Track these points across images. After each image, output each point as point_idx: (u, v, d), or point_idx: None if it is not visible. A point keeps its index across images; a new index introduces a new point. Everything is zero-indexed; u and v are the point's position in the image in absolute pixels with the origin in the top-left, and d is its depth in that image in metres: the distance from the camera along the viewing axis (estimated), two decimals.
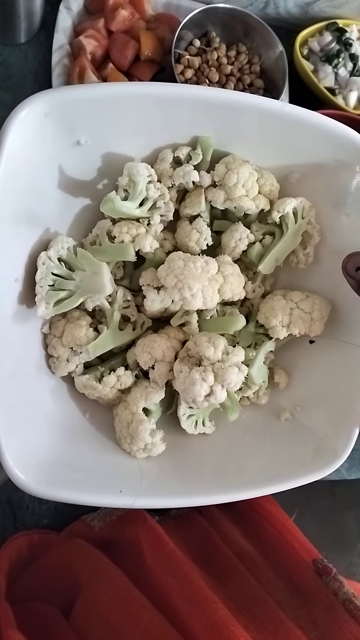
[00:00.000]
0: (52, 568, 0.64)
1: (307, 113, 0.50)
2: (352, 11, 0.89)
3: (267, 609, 0.55)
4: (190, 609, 0.51)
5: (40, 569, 0.65)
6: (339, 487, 1.48)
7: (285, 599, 0.59)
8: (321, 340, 0.53)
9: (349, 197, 0.48)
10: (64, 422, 0.49)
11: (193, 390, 0.46)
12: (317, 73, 0.86)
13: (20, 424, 0.45)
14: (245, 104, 0.49)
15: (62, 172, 0.46)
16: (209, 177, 0.50)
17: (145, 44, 0.76)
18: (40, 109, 0.40)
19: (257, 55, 0.81)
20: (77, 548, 0.62)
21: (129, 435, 0.48)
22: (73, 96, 0.41)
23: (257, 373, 0.50)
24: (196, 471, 0.51)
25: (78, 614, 0.57)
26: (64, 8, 0.74)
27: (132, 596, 0.53)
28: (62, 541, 0.68)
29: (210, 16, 0.78)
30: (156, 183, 0.48)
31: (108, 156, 0.47)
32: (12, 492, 0.72)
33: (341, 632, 0.55)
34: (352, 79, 0.87)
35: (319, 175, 0.50)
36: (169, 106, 0.47)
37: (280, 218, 0.50)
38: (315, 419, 0.53)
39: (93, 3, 0.77)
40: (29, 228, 0.45)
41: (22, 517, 0.71)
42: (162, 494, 0.48)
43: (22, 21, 0.72)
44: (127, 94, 0.46)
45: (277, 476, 0.49)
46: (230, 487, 0.52)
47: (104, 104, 0.45)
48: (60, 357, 0.48)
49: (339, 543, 1.40)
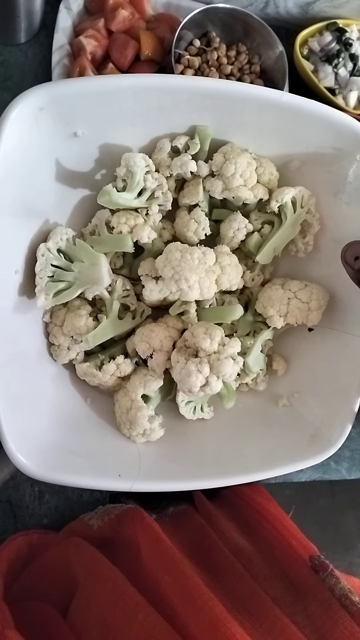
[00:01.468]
0: (50, 567, 0.65)
1: (306, 102, 0.50)
2: (352, 11, 0.89)
3: (262, 606, 0.57)
4: (186, 606, 0.53)
5: (38, 568, 0.67)
6: (339, 487, 1.51)
7: (281, 595, 0.60)
8: (320, 329, 0.54)
9: (349, 186, 0.48)
10: (65, 408, 0.51)
11: (189, 381, 0.47)
12: (317, 73, 0.87)
13: (23, 409, 0.46)
14: (243, 94, 0.49)
15: (60, 164, 0.47)
16: (207, 167, 0.50)
17: (145, 44, 0.76)
18: (35, 103, 0.40)
19: (257, 55, 0.82)
20: (74, 547, 0.64)
21: (128, 421, 0.49)
22: (68, 90, 0.42)
23: (254, 362, 0.51)
24: (195, 456, 0.53)
25: (75, 612, 0.59)
26: (64, 8, 0.74)
27: (128, 594, 0.54)
28: (61, 540, 0.69)
29: (210, 16, 0.78)
30: (154, 173, 0.48)
31: (105, 147, 0.48)
32: (12, 492, 0.73)
33: (336, 627, 0.56)
34: (352, 79, 0.88)
35: (318, 164, 0.50)
36: (166, 97, 0.48)
37: (279, 207, 0.50)
38: (312, 407, 0.54)
39: (93, 3, 0.77)
40: (28, 220, 0.46)
41: (22, 517, 0.72)
42: (160, 477, 0.50)
43: (22, 21, 0.73)
44: (122, 86, 0.46)
45: (273, 461, 0.51)
46: (227, 472, 0.53)
47: (99, 96, 0.46)
48: (61, 346, 0.49)
49: (339, 543, 1.42)
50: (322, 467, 0.86)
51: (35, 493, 0.73)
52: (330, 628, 0.56)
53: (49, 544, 0.68)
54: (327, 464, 0.86)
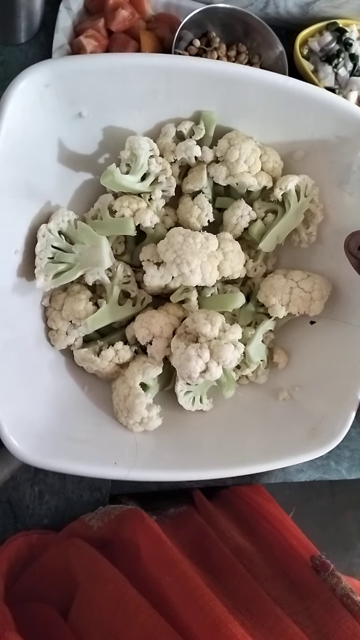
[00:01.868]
0: (51, 568, 0.66)
1: (310, 88, 0.49)
2: (352, 11, 0.90)
3: (264, 606, 0.57)
4: (187, 607, 0.53)
5: (38, 569, 0.67)
6: (339, 487, 1.51)
7: (282, 595, 0.61)
8: (322, 321, 0.53)
9: (353, 176, 0.48)
10: (62, 395, 0.50)
11: (188, 366, 0.47)
12: (317, 73, 0.88)
13: (18, 394, 0.45)
14: (249, 78, 0.48)
15: (63, 145, 0.46)
16: (211, 153, 0.49)
17: (145, 44, 0.77)
18: (41, 79, 0.40)
19: (257, 55, 0.82)
20: (74, 548, 0.64)
21: (126, 409, 0.48)
22: (74, 67, 0.41)
23: (255, 351, 0.50)
24: (193, 446, 0.52)
25: (75, 614, 0.59)
26: (64, 8, 0.75)
27: (129, 595, 0.54)
28: (61, 541, 0.69)
29: (210, 16, 0.79)
30: (158, 157, 0.48)
31: (110, 130, 0.47)
32: (12, 492, 0.73)
33: (338, 627, 0.56)
34: (352, 79, 0.89)
35: (322, 153, 0.50)
36: (173, 79, 0.47)
37: (283, 196, 0.50)
38: (313, 400, 0.53)
39: (93, 3, 0.78)
40: (30, 200, 0.45)
41: (22, 517, 0.72)
42: (157, 467, 0.49)
43: (22, 21, 0.73)
44: (130, 65, 0.46)
45: (272, 454, 0.50)
46: (226, 463, 0.53)
47: (106, 75, 0.45)
48: (59, 330, 0.49)
49: (339, 543, 1.42)
50: (322, 467, 0.87)
51: (35, 493, 0.73)
52: (333, 628, 0.56)
53: (49, 544, 0.69)
54: (327, 464, 0.87)
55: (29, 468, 0.71)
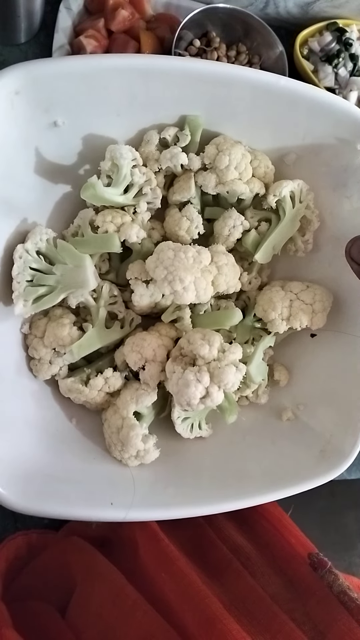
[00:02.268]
0: (49, 566, 0.64)
1: (304, 86, 0.47)
2: (352, 11, 0.91)
3: (260, 603, 0.56)
4: (183, 603, 0.52)
5: (37, 567, 0.66)
6: (339, 487, 1.43)
7: (279, 592, 0.60)
8: (323, 334, 0.50)
9: (350, 179, 0.45)
10: (48, 430, 0.46)
11: (187, 392, 0.44)
12: (317, 73, 0.88)
13: (2, 433, 0.40)
14: (236, 78, 0.46)
15: (38, 157, 0.43)
16: (198, 160, 0.47)
17: (145, 44, 0.77)
18: (11, 85, 0.37)
19: (257, 55, 0.83)
20: (73, 546, 0.63)
21: (120, 442, 0.44)
22: (46, 71, 0.38)
23: (256, 371, 0.47)
24: (193, 479, 0.49)
25: (73, 611, 0.58)
26: (64, 8, 0.75)
27: (125, 592, 0.54)
28: (60, 540, 0.68)
29: (210, 16, 0.79)
30: (142, 167, 0.45)
31: (89, 139, 0.44)
32: None
33: (334, 624, 0.56)
34: (352, 79, 0.89)
35: (317, 156, 0.47)
36: (154, 81, 0.44)
37: (277, 202, 0.47)
38: (320, 418, 0.50)
39: (93, 3, 0.78)
40: (4, 218, 0.43)
41: (22, 518, 0.70)
42: (157, 504, 0.46)
43: (22, 21, 0.74)
44: (106, 67, 0.43)
45: (280, 481, 0.47)
46: (230, 496, 0.50)
47: (79, 79, 0.42)
48: (42, 359, 0.45)
49: (339, 543, 1.41)
50: None
51: None
52: (329, 624, 0.57)
53: (49, 544, 0.69)
54: None
55: None
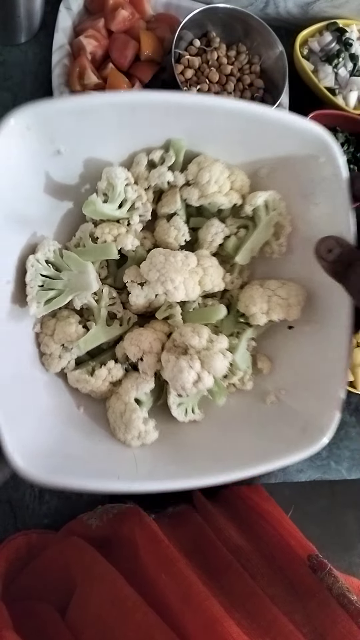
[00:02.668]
0: (49, 567, 0.66)
1: (273, 112, 0.53)
2: (352, 11, 0.91)
3: (260, 605, 0.57)
4: (183, 605, 0.53)
5: (37, 568, 0.67)
6: (339, 487, 1.53)
7: (279, 594, 0.61)
8: (299, 325, 0.56)
9: (317, 188, 0.51)
10: (59, 415, 0.52)
11: (181, 378, 0.49)
12: (317, 73, 0.89)
13: (20, 417, 0.47)
14: (212, 107, 0.51)
15: (46, 179, 0.48)
16: (182, 177, 0.52)
17: (145, 44, 0.78)
18: (23, 122, 0.43)
19: (257, 55, 0.85)
20: (73, 546, 0.64)
21: (123, 425, 0.51)
22: (50, 109, 0.44)
23: (241, 359, 0.53)
24: (190, 456, 0.54)
25: (73, 612, 0.59)
26: (64, 8, 0.77)
27: (125, 594, 0.55)
28: (60, 540, 0.70)
29: (210, 16, 0.80)
30: (133, 185, 0.51)
31: (88, 162, 0.50)
32: (12, 492, 0.75)
33: (334, 626, 0.57)
34: (352, 79, 0.90)
35: (286, 169, 0.52)
36: (140, 112, 0.50)
37: (253, 211, 0.53)
38: (300, 401, 0.54)
39: (93, 3, 0.79)
40: (17, 233, 0.48)
41: (22, 518, 0.74)
42: (158, 478, 0.51)
43: (22, 21, 0.75)
44: (99, 103, 0.49)
45: (267, 455, 0.52)
46: (223, 468, 0.55)
47: (79, 114, 0.48)
48: (52, 354, 0.51)
49: (339, 543, 1.44)
50: (322, 467, 0.89)
51: (36, 493, 0.76)
52: (328, 627, 0.57)
53: (48, 544, 0.70)
54: (327, 464, 0.90)
55: None
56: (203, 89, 0.83)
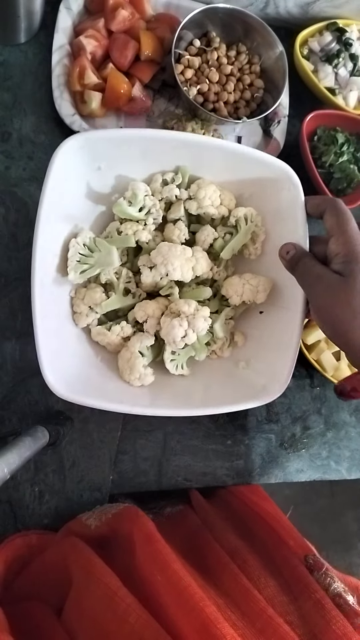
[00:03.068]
0: (47, 568, 0.68)
1: (250, 150, 0.84)
2: (352, 11, 0.87)
3: (256, 606, 0.57)
4: (178, 606, 0.53)
5: (36, 569, 0.69)
6: (339, 487, 1.52)
7: (275, 595, 0.62)
8: (267, 310, 1.04)
9: (282, 207, 0.86)
10: (83, 359, 0.97)
11: (173, 333, 0.81)
12: (317, 73, 0.88)
13: (55, 354, 0.89)
14: (207, 145, 0.84)
15: (88, 187, 0.95)
16: (186, 193, 0.99)
17: (145, 44, 0.78)
18: (77, 144, 0.73)
19: (257, 55, 0.85)
20: (71, 547, 0.65)
21: (129, 368, 0.80)
22: (95, 137, 0.92)
23: (220, 329, 0.90)
24: (179, 395, 0.97)
25: (68, 613, 0.60)
26: (64, 8, 0.77)
27: (119, 595, 0.55)
28: (58, 541, 0.70)
29: (210, 16, 0.80)
30: (151, 196, 0.92)
31: (118, 177, 0.97)
32: (12, 492, 0.76)
33: (329, 627, 0.56)
34: (352, 79, 0.88)
35: (262, 192, 1.02)
36: (157, 144, 0.84)
37: (236, 221, 0.90)
38: (264, 366, 1.02)
39: (93, 3, 0.78)
40: (65, 224, 1.06)
41: (22, 518, 0.75)
42: (154, 407, 0.78)
43: (22, 21, 0.73)
44: (128, 135, 0.81)
45: (236, 400, 0.96)
46: (205, 406, 0.76)
47: (114, 142, 0.83)
48: (81, 313, 0.87)
49: (339, 543, 1.40)
50: (322, 467, 0.92)
51: (36, 493, 0.77)
52: (324, 628, 0.57)
53: (48, 544, 0.70)
54: (327, 464, 0.92)
55: (29, 468, 0.79)
56: (203, 89, 0.85)
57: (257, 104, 0.86)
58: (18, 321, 0.76)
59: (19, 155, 0.82)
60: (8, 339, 0.75)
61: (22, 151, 0.82)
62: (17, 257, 0.78)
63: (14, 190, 0.79)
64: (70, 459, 0.76)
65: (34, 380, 0.77)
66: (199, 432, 0.85)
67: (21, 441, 0.57)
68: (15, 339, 0.75)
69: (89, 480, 0.73)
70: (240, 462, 0.87)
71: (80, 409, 0.78)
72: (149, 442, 0.82)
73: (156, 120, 0.85)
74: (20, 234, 0.78)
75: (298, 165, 0.91)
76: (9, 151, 0.82)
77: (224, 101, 0.82)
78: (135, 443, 0.81)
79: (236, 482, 0.81)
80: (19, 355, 0.74)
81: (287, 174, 0.71)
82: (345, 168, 0.91)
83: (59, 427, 0.73)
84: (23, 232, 0.78)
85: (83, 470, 0.77)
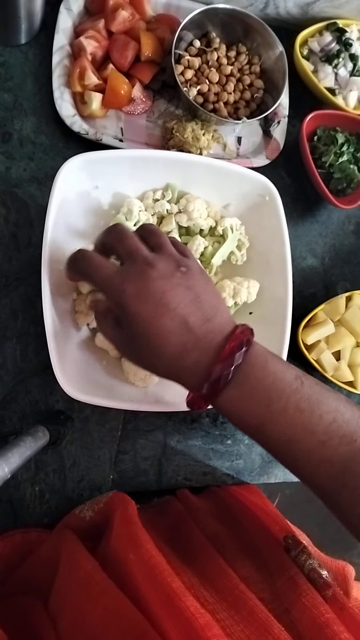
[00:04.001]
0: (41, 561, 0.69)
1: (232, 166, 0.92)
2: (352, 11, 0.88)
3: (229, 582, 0.60)
4: (147, 583, 0.57)
5: (30, 563, 0.69)
6: None
7: (250, 575, 0.64)
8: (256, 311, 1.05)
9: (264, 216, 0.92)
10: (89, 363, 1.05)
11: None
12: (317, 73, 0.90)
13: (64, 356, 0.83)
14: (194, 162, 0.90)
15: (88, 204, 1.14)
16: (176, 207, 1.20)
17: (145, 44, 0.78)
18: (77, 165, 0.90)
19: (257, 55, 0.87)
20: (63, 539, 0.66)
21: (133, 370, 0.92)
22: (93, 157, 0.87)
23: None
24: (182, 394, 0.84)
25: (52, 602, 0.61)
26: (65, 9, 0.78)
27: (96, 580, 0.57)
28: (54, 535, 0.71)
29: (210, 17, 0.81)
30: (144, 211, 1.10)
31: (115, 195, 1.16)
32: (13, 492, 0.77)
33: (299, 600, 0.59)
34: (352, 79, 0.89)
35: (245, 204, 1.20)
36: (149, 163, 0.89)
37: (222, 231, 1.11)
38: None
39: (93, 4, 0.80)
40: (71, 237, 0.96)
41: (23, 517, 0.76)
42: (156, 403, 0.88)
43: (22, 22, 0.74)
44: (122, 155, 0.86)
45: None
46: None
47: (110, 162, 0.87)
48: (82, 312, 0.94)
49: (339, 543, 1.41)
50: None
51: (36, 492, 0.79)
52: (294, 601, 0.60)
53: (45, 541, 0.71)
54: None
55: (29, 467, 0.82)
56: (203, 90, 0.88)
57: (257, 104, 0.89)
58: (18, 321, 0.78)
59: (19, 156, 0.84)
60: (8, 339, 0.76)
61: (22, 152, 0.84)
62: (18, 257, 0.80)
63: (15, 190, 0.81)
64: (71, 459, 0.79)
65: (34, 380, 0.78)
66: (199, 432, 0.87)
67: (22, 441, 0.57)
68: (15, 338, 0.76)
69: (89, 480, 0.73)
70: (240, 461, 0.89)
71: (81, 409, 0.80)
72: (149, 441, 0.84)
73: (156, 121, 0.87)
74: (21, 234, 0.79)
75: (298, 166, 0.91)
76: (10, 152, 0.84)
77: (224, 102, 0.84)
78: (136, 443, 0.83)
79: (236, 481, 0.80)
80: (20, 355, 0.76)
81: (267, 185, 0.79)
82: (345, 168, 0.93)
83: (59, 427, 0.74)
84: (23, 232, 0.80)
85: (83, 469, 0.79)
